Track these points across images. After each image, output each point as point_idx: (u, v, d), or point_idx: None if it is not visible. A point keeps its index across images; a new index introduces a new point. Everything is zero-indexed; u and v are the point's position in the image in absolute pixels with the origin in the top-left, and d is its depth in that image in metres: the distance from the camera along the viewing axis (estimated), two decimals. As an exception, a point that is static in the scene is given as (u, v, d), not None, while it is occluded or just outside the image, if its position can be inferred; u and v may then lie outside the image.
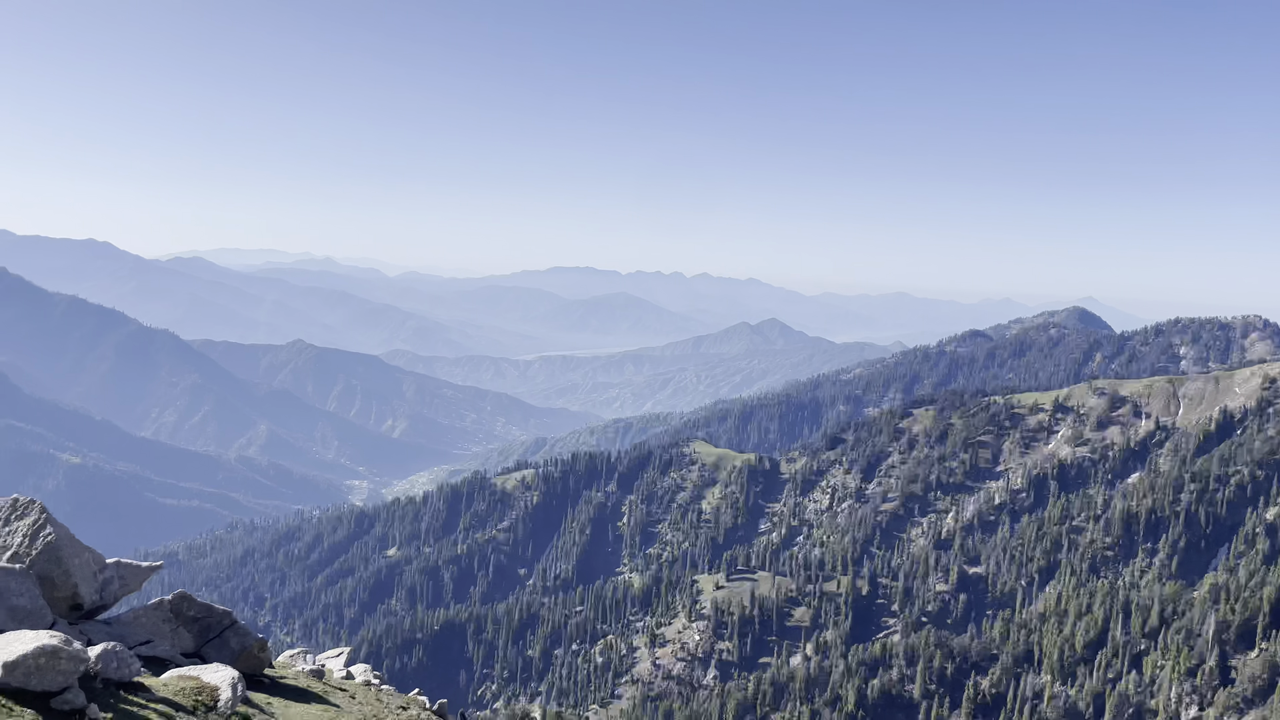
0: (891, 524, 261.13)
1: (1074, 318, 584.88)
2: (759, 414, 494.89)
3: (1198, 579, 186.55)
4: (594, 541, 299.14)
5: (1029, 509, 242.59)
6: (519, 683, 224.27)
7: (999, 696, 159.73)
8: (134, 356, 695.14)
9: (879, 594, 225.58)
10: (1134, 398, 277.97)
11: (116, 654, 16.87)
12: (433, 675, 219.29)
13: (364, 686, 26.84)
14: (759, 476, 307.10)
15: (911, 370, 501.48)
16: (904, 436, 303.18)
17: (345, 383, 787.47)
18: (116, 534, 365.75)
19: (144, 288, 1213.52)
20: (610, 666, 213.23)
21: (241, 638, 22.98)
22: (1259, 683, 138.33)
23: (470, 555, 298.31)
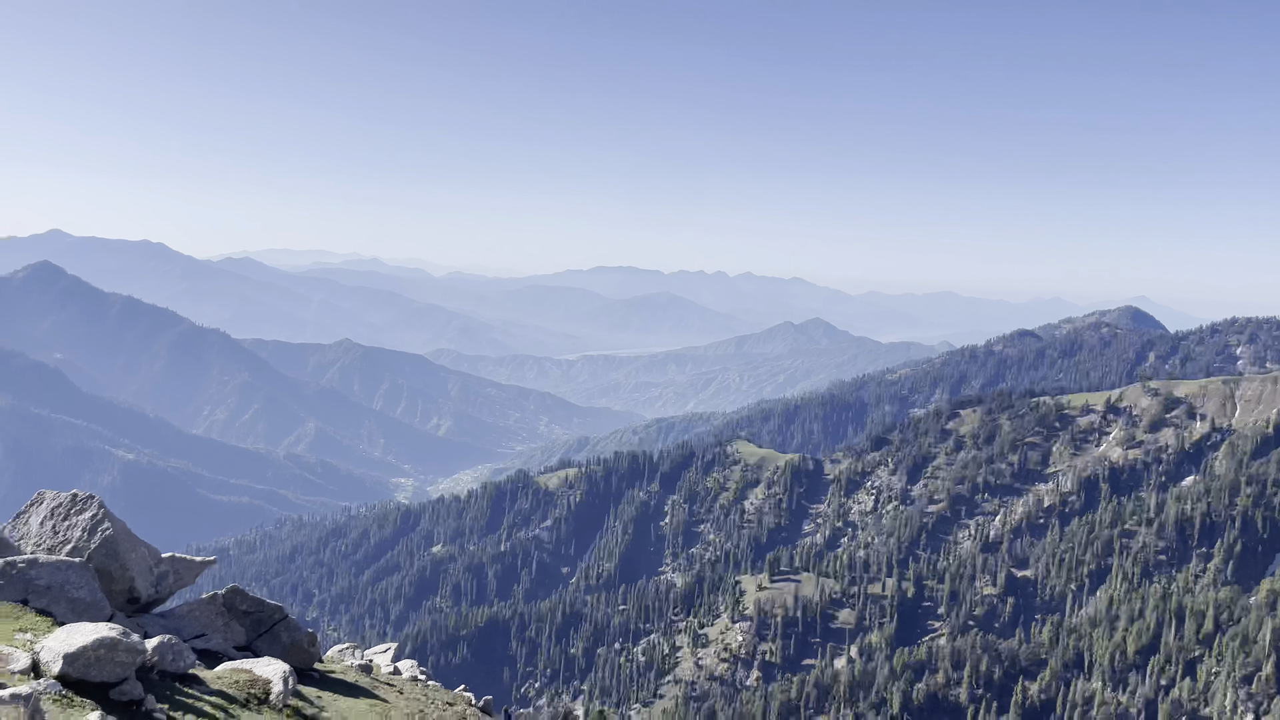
0: (938, 526, 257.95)
1: (1126, 317, 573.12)
2: (802, 414, 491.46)
3: (1254, 585, 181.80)
4: (636, 541, 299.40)
5: (1079, 512, 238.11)
6: (562, 681, 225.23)
7: (1048, 702, 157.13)
8: (186, 355, 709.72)
9: (924, 597, 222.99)
10: (1188, 399, 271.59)
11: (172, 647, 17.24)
12: (477, 672, 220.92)
13: (411, 682, 27.13)
14: (803, 477, 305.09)
15: (958, 370, 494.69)
16: (950, 437, 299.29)
17: (391, 381, 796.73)
18: (169, 529, 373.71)
19: (196, 288, 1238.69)
20: (653, 666, 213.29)
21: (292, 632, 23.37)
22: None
23: (514, 553, 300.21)
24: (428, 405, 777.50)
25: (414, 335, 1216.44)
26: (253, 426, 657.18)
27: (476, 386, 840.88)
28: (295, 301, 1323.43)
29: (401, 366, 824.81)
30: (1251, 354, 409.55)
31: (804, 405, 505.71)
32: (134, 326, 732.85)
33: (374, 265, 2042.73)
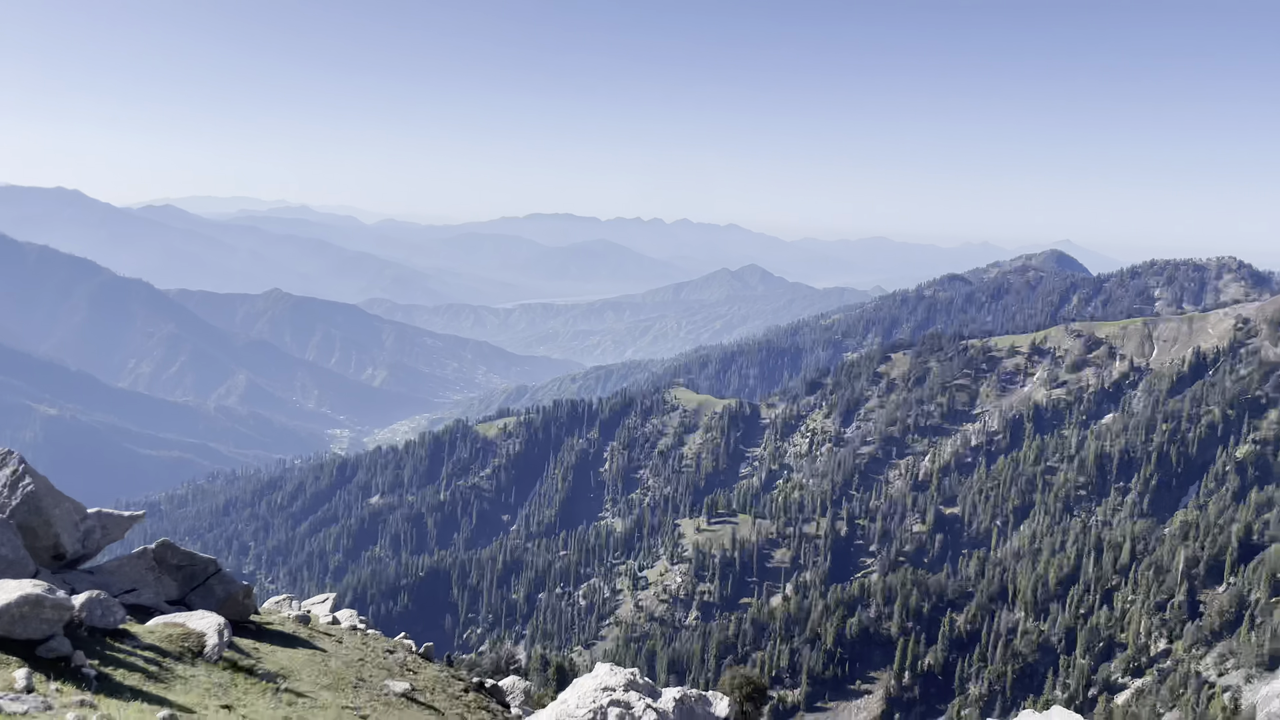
0: (870, 466, 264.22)
1: (1051, 261, 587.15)
2: (739, 360, 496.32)
3: (1168, 516, 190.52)
4: (576, 487, 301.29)
5: (1005, 450, 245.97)
6: (504, 626, 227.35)
7: (974, 632, 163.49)
8: (108, 307, 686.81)
9: (857, 535, 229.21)
10: (1109, 340, 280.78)
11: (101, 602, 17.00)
12: (418, 620, 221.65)
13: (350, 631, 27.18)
14: (739, 421, 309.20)
15: (890, 315, 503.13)
16: (882, 380, 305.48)
17: (324, 332, 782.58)
18: (96, 485, 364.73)
19: (116, 236, 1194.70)
20: (594, 609, 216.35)
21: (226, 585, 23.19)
22: (1226, 616, 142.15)
23: (454, 502, 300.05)
24: (362, 356, 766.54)
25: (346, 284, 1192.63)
26: (180, 379, 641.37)
27: (412, 336, 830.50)
28: (221, 250, 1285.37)
29: (334, 316, 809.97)
30: (1169, 295, 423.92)
31: (741, 351, 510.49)
32: (51, 277, 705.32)
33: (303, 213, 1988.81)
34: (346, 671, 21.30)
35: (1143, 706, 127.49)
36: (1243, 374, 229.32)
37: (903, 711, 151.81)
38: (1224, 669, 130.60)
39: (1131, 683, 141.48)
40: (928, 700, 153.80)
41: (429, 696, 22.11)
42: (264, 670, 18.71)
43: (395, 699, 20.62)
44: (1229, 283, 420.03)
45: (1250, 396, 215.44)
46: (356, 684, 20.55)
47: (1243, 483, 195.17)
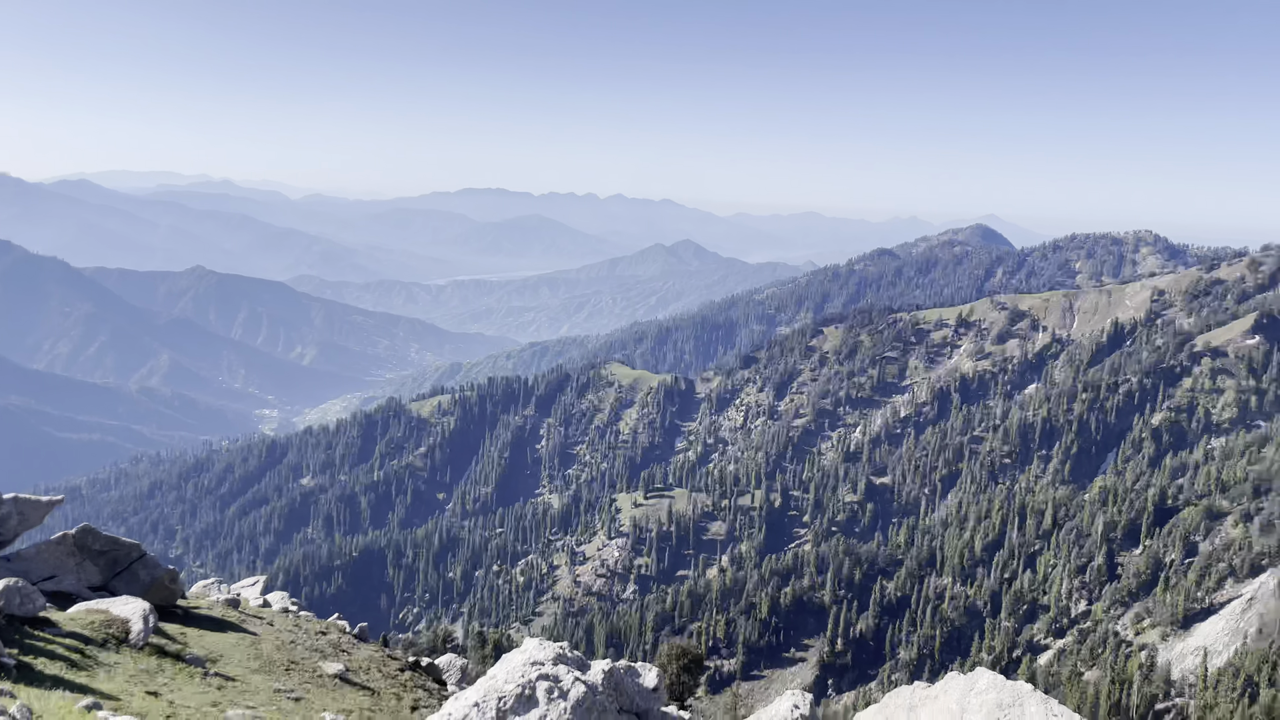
0: (803, 439, 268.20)
1: (977, 235, 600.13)
2: (675, 335, 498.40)
3: (1088, 483, 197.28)
4: (513, 465, 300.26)
5: (933, 421, 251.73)
6: (440, 605, 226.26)
7: (903, 598, 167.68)
8: (21, 285, 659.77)
9: (791, 506, 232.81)
10: (1032, 312, 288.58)
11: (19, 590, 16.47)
12: (353, 601, 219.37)
13: (281, 614, 26.77)
14: (675, 396, 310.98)
15: (822, 289, 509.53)
16: (815, 354, 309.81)
17: (250, 310, 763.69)
18: (12, 471, 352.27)
19: (28, 213, 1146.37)
20: (531, 585, 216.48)
21: (151, 570, 22.63)
22: (1142, 578, 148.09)
23: (387, 482, 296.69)
24: (290, 334, 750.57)
25: (272, 261, 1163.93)
26: (100, 360, 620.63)
27: (342, 313, 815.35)
28: (140, 226, 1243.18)
29: (260, 294, 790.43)
30: (1089, 268, 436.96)
31: (676, 326, 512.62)
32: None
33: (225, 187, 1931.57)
34: (278, 654, 20.99)
35: (1064, 666, 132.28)
36: (1158, 344, 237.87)
37: (836, 677, 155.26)
38: (1141, 628, 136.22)
39: (1054, 643, 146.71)
40: (860, 665, 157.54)
41: (364, 677, 21.93)
42: (192, 655, 18.35)
43: (329, 680, 20.40)
44: (1145, 256, 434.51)
45: (1165, 366, 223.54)
46: (289, 666, 20.27)
47: (1158, 449, 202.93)
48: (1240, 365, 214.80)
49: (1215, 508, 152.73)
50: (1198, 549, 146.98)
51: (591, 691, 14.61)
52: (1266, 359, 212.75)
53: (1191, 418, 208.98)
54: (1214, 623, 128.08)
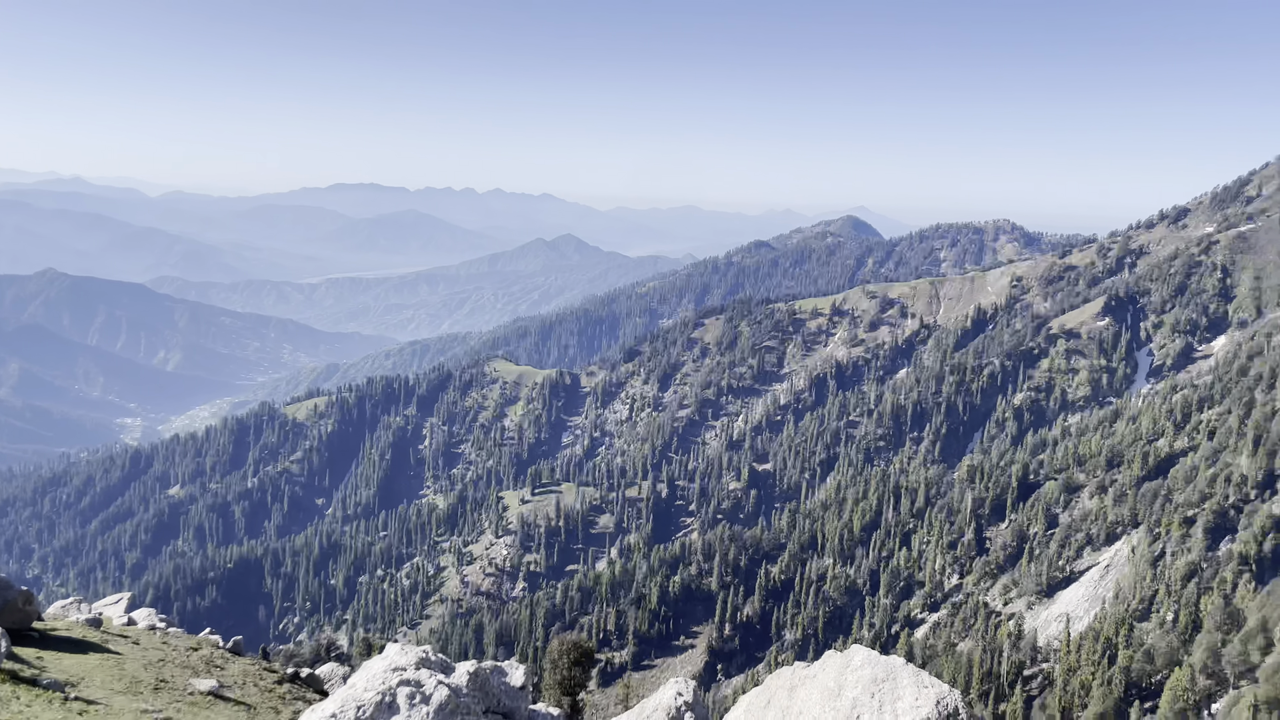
0: (687, 429, 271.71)
1: (848, 226, 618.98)
2: (558, 330, 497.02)
3: (957, 461, 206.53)
4: (395, 466, 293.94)
5: (811, 407, 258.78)
6: (323, 613, 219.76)
7: (787, 581, 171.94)
8: None
9: (677, 496, 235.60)
10: (901, 299, 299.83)
11: None
12: (229, 614, 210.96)
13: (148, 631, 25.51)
14: (560, 391, 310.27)
15: (702, 281, 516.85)
16: (697, 345, 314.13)
17: (108, 314, 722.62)
18: None
19: None
20: (418, 588, 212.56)
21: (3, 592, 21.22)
22: (1009, 550, 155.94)
23: (263, 489, 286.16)
24: (152, 338, 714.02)
25: (131, 262, 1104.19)
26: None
27: (208, 315, 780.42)
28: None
29: (118, 297, 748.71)
30: (953, 256, 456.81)
31: (559, 321, 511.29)
32: None
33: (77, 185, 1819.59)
34: (145, 673, 19.98)
35: (939, 638, 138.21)
36: (1018, 328, 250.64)
37: (725, 662, 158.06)
38: (1009, 598, 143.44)
39: (929, 617, 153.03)
40: (747, 649, 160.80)
41: (239, 692, 21.09)
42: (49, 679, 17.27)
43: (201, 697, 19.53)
44: (1004, 244, 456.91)
45: (1025, 348, 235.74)
46: (157, 685, 19.32)
47: (1020, 427, 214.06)
48: (1092, 346, 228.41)
49: (1073, 481, 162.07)
50: (1058, 521, 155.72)
51: (455, 694, 14.41)
52: (1115, 339, 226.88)
53: (1049, 397, 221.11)
54: (1075, 590, 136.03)
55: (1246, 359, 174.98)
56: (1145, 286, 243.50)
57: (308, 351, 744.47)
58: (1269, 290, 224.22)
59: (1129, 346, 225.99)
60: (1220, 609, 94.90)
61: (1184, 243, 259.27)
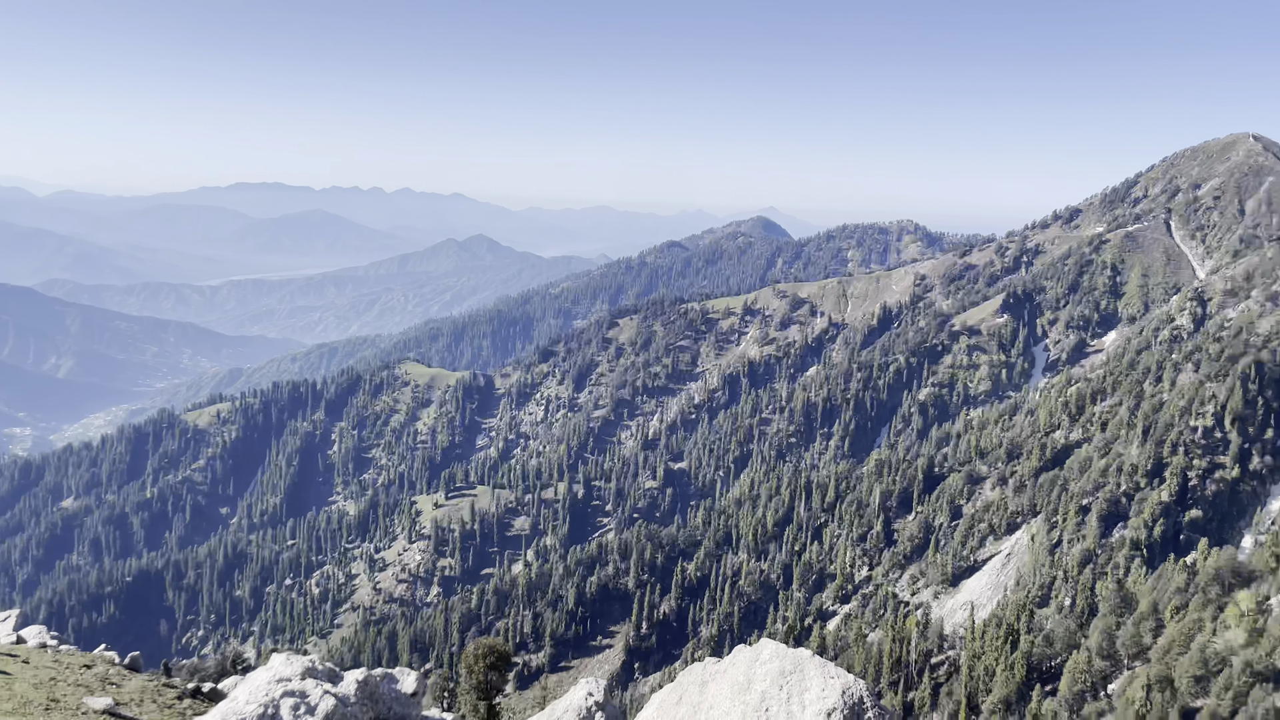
0: (603, 429, 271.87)
1: (758, 227, 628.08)
2: (471, 331, 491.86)
3: (865, 456, 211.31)
4: (303, 472, 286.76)
5: (724, 406, 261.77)
6: (229, 625, 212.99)
7: (703, 578, 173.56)
8: None
9: (594, 496, 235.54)
10: (810, 298, 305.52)
11: None
12: (129, 630, 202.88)
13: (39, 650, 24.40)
14: (474, 393, 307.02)
15: (616, 281, 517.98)
16: (611, 346, 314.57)
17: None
18: None
19: None
20: (329, 597, 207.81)
21: (-127, 615, 20.05)
22: (916, 541, 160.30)
23: (163, 499, 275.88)
24: (42, 344, 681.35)
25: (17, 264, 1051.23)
26: None
27: (102, 320, 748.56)
28: None
29: (4, 301, 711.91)
30: (860, 256, 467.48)
31: (472, 322, 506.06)
32: None
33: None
34: (35, 693, 19.09)
35: (850, 630, 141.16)
36: (922, 325, 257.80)
37: (642, 660, 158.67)
38: (916, 589, 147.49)
39: (841, 609, 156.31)
40: (664, 647, 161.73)
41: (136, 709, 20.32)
42: (-72, 706, 16.38)
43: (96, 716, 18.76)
44: (908, 244, 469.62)
45: (928, 345, 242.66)
46: (48, 705, 18.47)
47: (925, 422, 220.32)
48: (992, 342, 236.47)
49: (975, 473, 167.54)
50: (962, 512, 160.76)
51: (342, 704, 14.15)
52: (1013, 335, 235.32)
53: (953, 391, 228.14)
54: (979, 578, 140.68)
55: (1135, 353, 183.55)
56: (1041, 284, 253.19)
57: (209, 356, 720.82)
58: (1155, 287, 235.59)
59: (1026, 342, 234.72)
60: (1114, 593, 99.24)
61: (1077, 242, 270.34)
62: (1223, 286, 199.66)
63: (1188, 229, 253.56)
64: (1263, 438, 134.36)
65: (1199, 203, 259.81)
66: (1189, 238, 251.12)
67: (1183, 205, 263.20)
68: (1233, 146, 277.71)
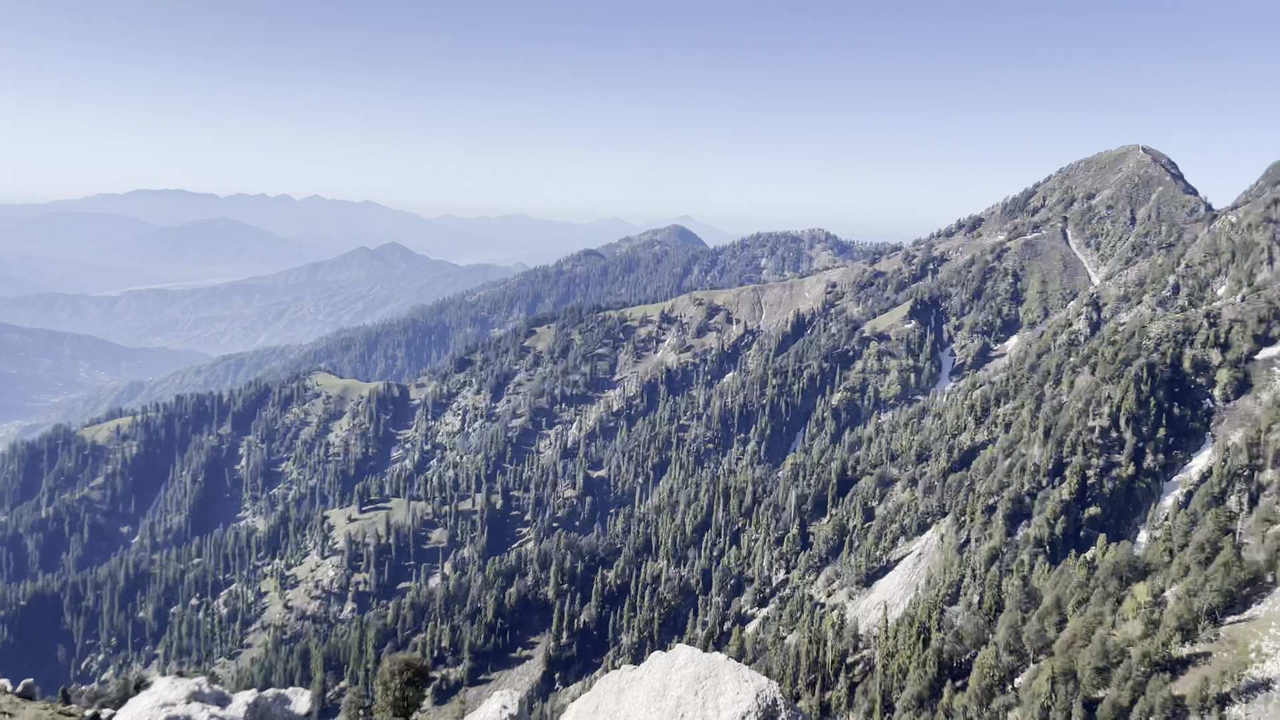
0: (522, 439, 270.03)
1: (675, 235, 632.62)
2: (385, 341, 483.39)
3: (781, 460, 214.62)
4: (209, 489, 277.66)
5: (643, 413, 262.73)
6: (131, 649, 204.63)
7: (623, 585, 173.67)
8: None
9: (513, 507, 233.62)
10: (726, 306, 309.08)
11: None
12: (24, 656, 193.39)
13: (-78, 683, 23.12)
14: (389, 404, 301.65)
15: (533, 290, 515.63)
16: (529, 354, 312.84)
17: None
18: None
19: None
20: (238, 616, 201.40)
21: None
22: (831, 543, 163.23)
23: (59, 518, 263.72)
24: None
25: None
26: None
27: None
28: None
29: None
30: (773, 264, 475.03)
31: (386, 332, 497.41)
32: None
33: None
34: (-82, 730, 18.10)
35: (769, 632, 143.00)
36: (834, 331, 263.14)
37: (562, 670, 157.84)
38: (832, 590, 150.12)
39: (759, 612, 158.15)
40: (585, 656, 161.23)
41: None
42: None
43: (-13, 751, 17.87)
44: (820, 252, 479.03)
45: (840, 351, 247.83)
46: (-67, 742, 17.53)
47: (838, 426, 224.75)
48: (901, 347, 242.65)
49: (887, 475, 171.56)
50: (875, 513, 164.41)
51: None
52: (921, 340, 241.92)
53: (864, 396, 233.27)
54: (892, 578, 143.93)
55: (1036, 357, 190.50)
56: (947, 291, 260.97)
57: (108, 369, 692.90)
58: (1054, 293, 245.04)
59: (934, 347, 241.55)
60: (1019, 589, 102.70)
61: (980, 250, 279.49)
62: (1116, 292, 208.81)
63: (1083, 237, 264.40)
64: (1155, 436, 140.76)
65: (1093, 212, 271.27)
66: (1084, 245, 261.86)
67: (1078, 215, 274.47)
68: (1124, 158, 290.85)
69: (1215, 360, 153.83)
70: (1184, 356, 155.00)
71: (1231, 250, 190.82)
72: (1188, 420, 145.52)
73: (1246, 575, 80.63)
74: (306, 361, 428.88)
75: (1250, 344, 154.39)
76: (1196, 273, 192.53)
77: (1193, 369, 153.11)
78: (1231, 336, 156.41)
